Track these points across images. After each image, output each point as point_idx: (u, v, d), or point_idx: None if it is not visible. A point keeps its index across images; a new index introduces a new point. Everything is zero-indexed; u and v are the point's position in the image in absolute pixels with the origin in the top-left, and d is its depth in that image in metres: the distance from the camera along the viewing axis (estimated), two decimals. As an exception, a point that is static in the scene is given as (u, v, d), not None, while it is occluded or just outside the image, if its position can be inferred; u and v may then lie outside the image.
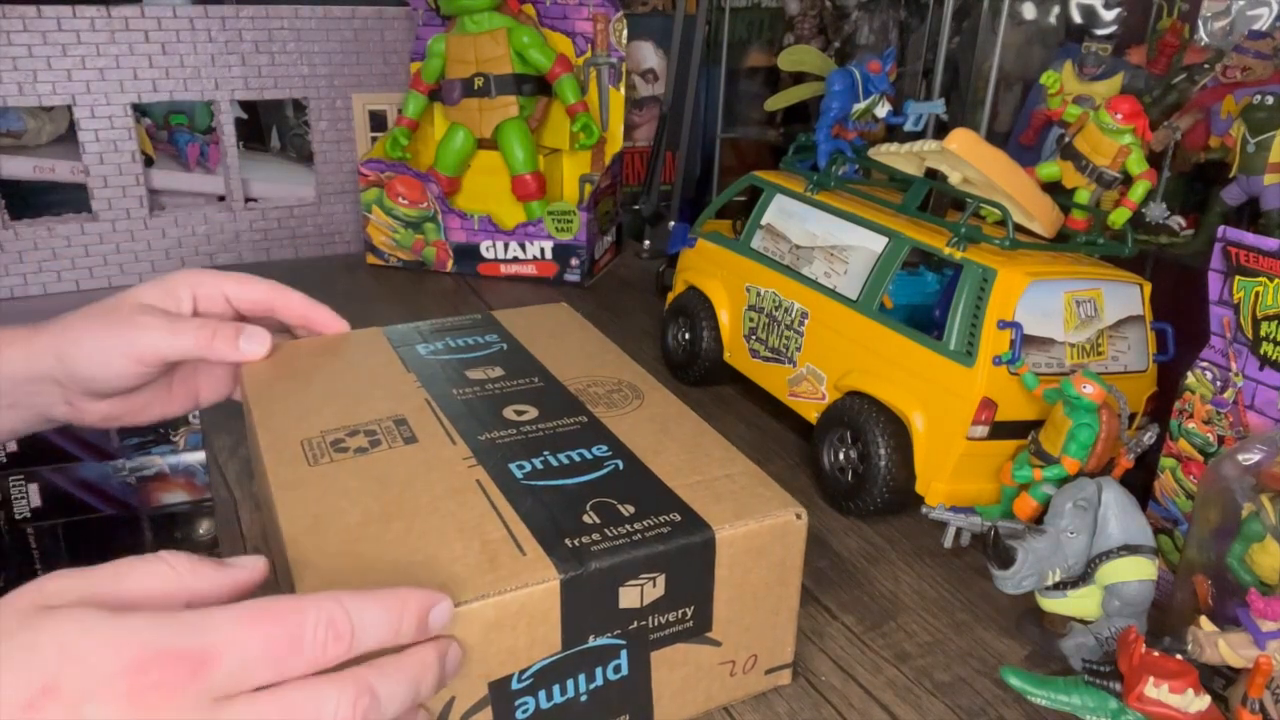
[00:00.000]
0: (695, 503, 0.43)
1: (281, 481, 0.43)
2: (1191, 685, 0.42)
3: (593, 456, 0.46)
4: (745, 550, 0.43)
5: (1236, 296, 0.54)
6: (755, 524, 0.43)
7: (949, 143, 0.63)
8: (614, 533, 0.41)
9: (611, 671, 0.42)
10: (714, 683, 0.46)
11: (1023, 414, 0.58)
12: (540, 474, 0.45)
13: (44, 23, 1.02)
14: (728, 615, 0.44)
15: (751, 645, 0.46)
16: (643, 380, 0.55)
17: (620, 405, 0.52)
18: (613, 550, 0.40)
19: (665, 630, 0.42)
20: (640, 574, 0.40)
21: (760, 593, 0.45)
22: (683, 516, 0.42)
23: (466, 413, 0.50)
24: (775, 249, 0.73)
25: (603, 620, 0.40)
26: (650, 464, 0.46)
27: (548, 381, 0.54)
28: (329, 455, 0.45)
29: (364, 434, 0.47)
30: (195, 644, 0.29)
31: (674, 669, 0.44)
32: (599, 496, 0.43)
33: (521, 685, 0.39)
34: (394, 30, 1.20)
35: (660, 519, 0.42)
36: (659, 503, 0.43)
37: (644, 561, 0.40)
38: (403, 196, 1.06)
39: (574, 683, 0.41)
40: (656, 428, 0.50)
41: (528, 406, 0.51)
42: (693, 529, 0.42)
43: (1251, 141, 0.68)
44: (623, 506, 0.43)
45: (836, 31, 1.23)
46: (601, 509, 0.42)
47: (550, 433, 0.48)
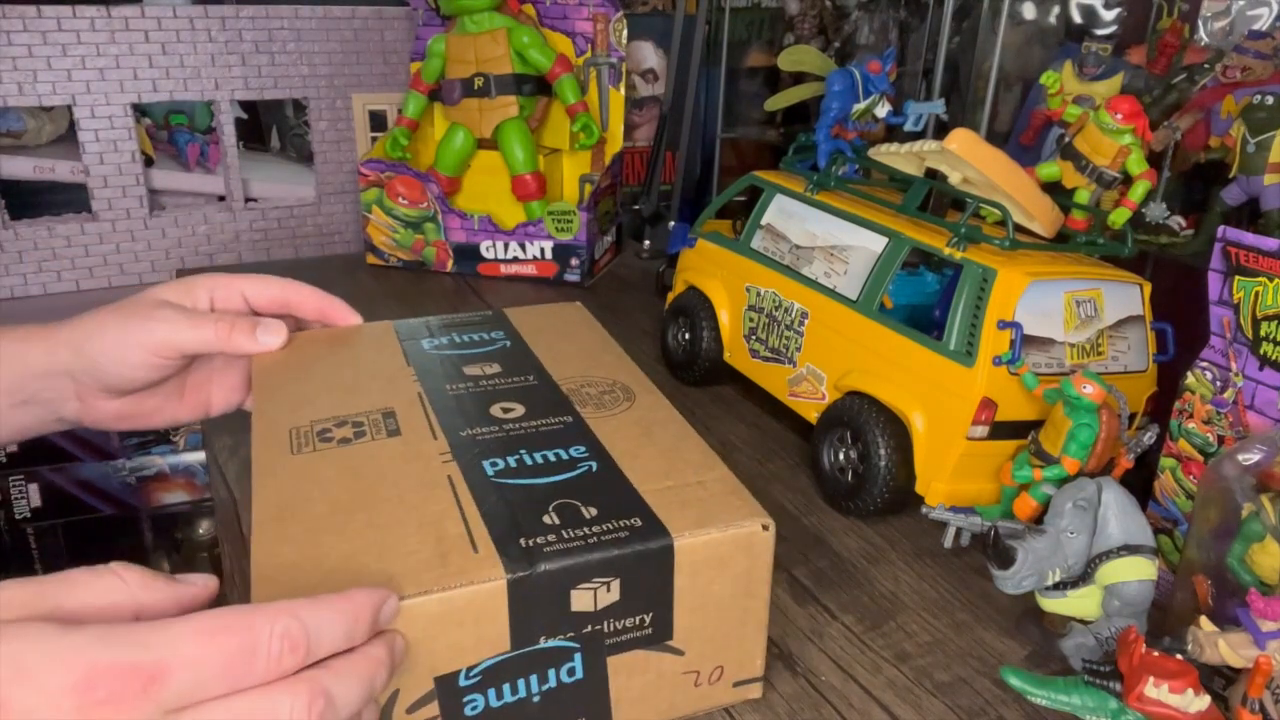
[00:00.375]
0: (660, 508, 0.43)
1: (261, 468, 0.44)
2: (1191, 685, 0.42)
3: (569, 457, 0.46)
4: (706, 560, 0.42)
5: (1236, 296, 0.54)
6: (718, 533, 0.42)
7: (949, 143, 0.63)
8: (571, 535, 0.40)
9: (565, 674, 0.41)
10: (677, 692, 0.45)
11: (1023, 414, 0.58)
12: (512, 472, 0.45)
13: (44, 23, 1.02)
14: (690, 625, 0.43)
15: (717, 656, 0.45)
16: (637, 382, 0.55)
17: (610, 406, 0.51)
18: (565, 552, 0.39)
19: (622, 636, 0.42)
20: (593, 578, 0.40)
21: (725, 603, 0.44)
22: (643, 522, 0.42)
23: (455, 408, 0.50)
24: (775, 249, 0.73)
25: (554, 622, 0.40)
26: (624, 467, 0.46)
27: (542, 380, 0.54)
28: (312, 444, 0.46)
29: (351, 425, 0.48)
30: (146, 658, 0.29)
31: (633, 676, 0.43)
32: (564, 498, 0.43)
33: (469, 682, 0.39)
34: (394, 30, 1.20)
35: (620, 523, 0.41)
36: (623, 507, 0.43)
37: (597, 565, 0.40)
38: (403, 196, 1.06)
39: (525, 683, 0.40)
40: (640, 431, 0.49)
41: (516, 404, 0.51)
42: (650, 535, 0.41)
43: (1251, 141, 0.68)
44: (586, 509, 0.42)
45: (836, 31, 1.23)
46: (564, 510, 0.42)
47: (532, 431, 0.48)
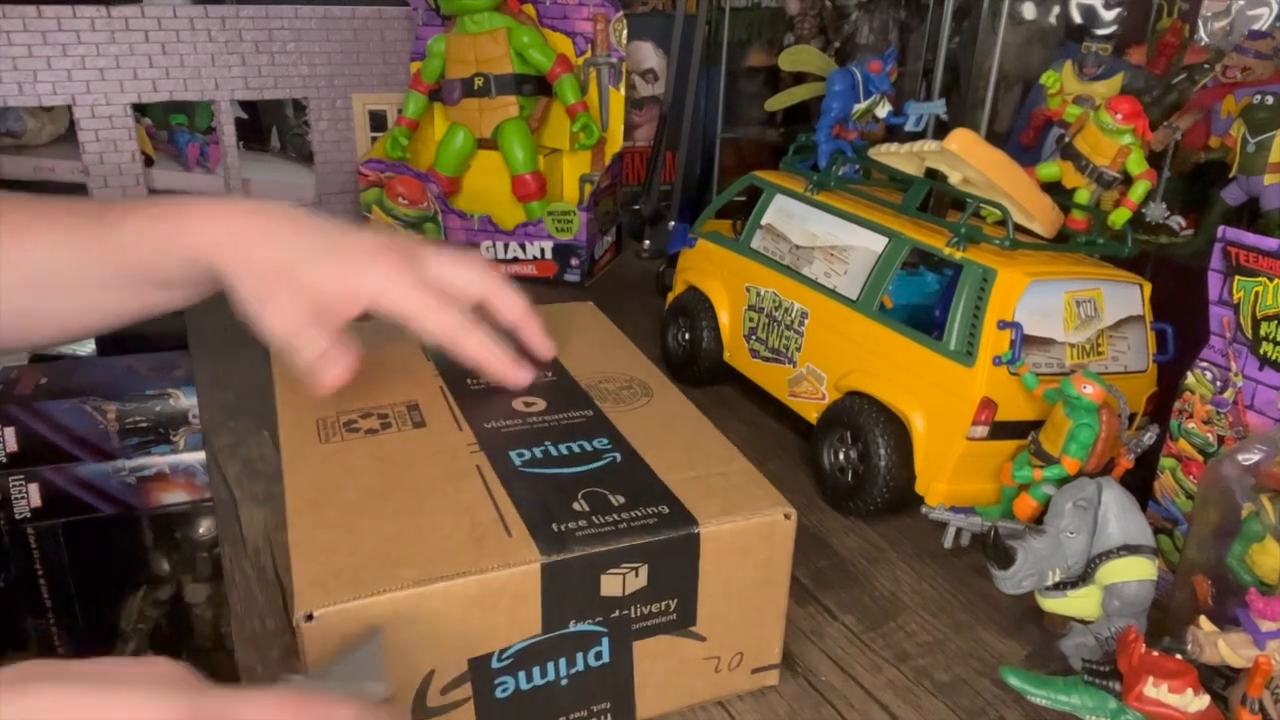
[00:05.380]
0: (685, 497, 0.44)
1: (292, 455, 0.46)
2: (1191, 685, 0.42)
3: (593, 449, 0.47)
4: (731, 547, 0.43)
5: (1236, 296, 0.54)
6: (742, 521, 0.43)
7: (949, 143, 0.63)
8: (601, 521, 0.41)
9: (593, 658, 0.42)
10: (698, 678, 0.46)
11: (1023, 414, 0.58)
12: (539, 462, 0.46)
13: (44, 23, 1.02)
14: (713, 611, 0.44)
15: (738, 643, 0.46)
16: (654, 378, 0.56)
17: (629, 401, 0.53)
18: (597, 538, 0.40)
19: (648, 621, 0.43)
20: (622, 563, 0.41)
21: (747, 590, 0.45)
22: (670, 509, 0.43)
23: (478, 402, 0.52)
24: (775, 249, 0.73)
25: (584, 606, 0.41)
26: (648, 458, 0.47)
27: (561, 376, 0.55)
28: (340, 434, 0.48)
29: (376, 416, 0.50)
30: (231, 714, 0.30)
31: (657, 661, 0.44)
32: (592, 486, 0.44)
33: (501, 664, 0.40)
34: (394, 30, 1.20)
35: (648, 510, 0.43)
36: (649, 495, 0.44)
37: (627, 551, 0.41)
38: (403, 196, 1.06)
39: (554, 666, 0.41)
40: (660, 424, 0.50)
41: (537, 399, 0.52)
42: (678, 522, 0.42)
43: (1251, 141, 0.68)
44: (613, 497, 0.43)
45: (836, 31, 1.23)
46: (592, 498, 0.43)
47: (555, 424, 0.50)
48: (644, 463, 0.46)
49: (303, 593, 0.37)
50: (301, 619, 0.36)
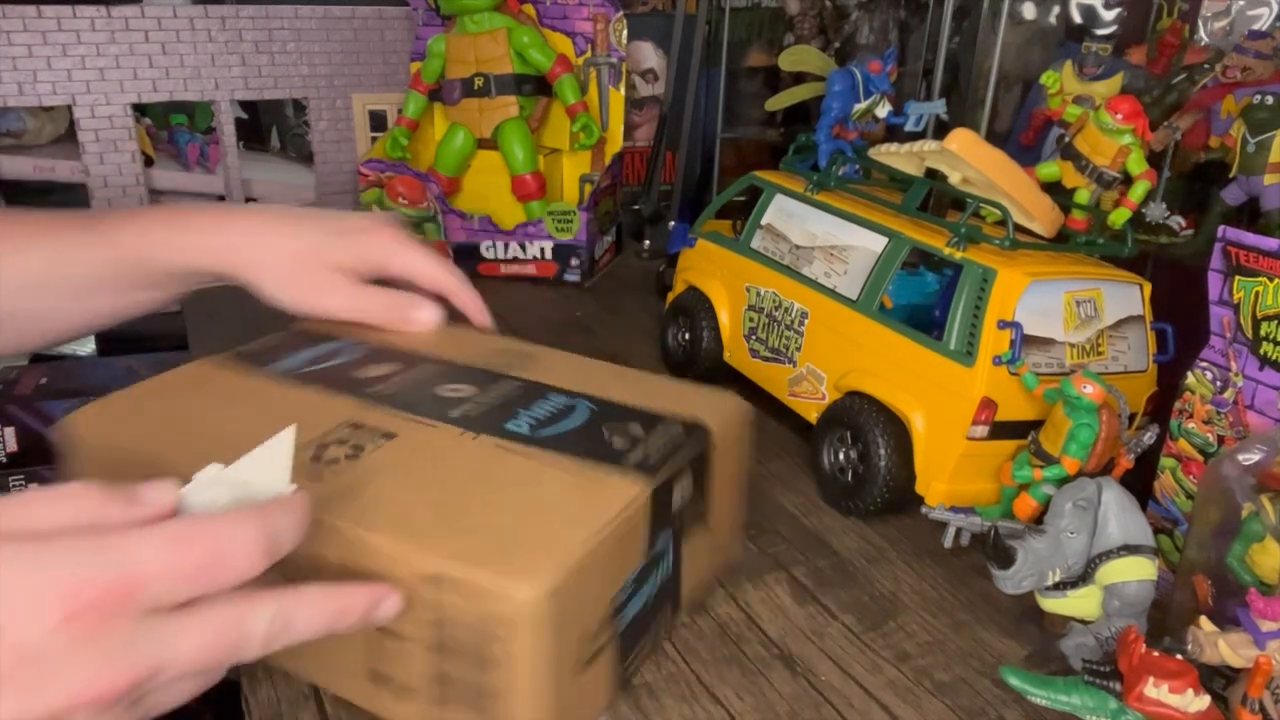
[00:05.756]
0: (676, 412, 0.48)
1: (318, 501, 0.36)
2: (1191, 685, 0.42)
3: (561, 405, 0.48)
4: (724, 440, 0.49)
5: (1236, 296, 0.54)
6: (725, 416, 0.49)
7: (949, 143, 0.63)
8: (651, 446, 0.45)
9: (664, 571, 0.46)
10: (704, 565, 0.51)
11: (1023, 414, 0.58)
12: (541, 424, 0.46)
13: (44, 23, 1.02)
14: (716, 502, 0.50)
15: (726, 521, 0.53)
16: (524, 343, 0.56)
17: (527, 365, 0.52)
18: (664, 458, 0.44)
19: (690, 524, 0.47)
20: (681, 476, 0.45)
21: (735, 475, 0.52)
22: (682, 425, 0.47)
23: (408, 400, 0.46)
24: (775, 249, 0.73)
25: (663, 524, 0.44)
26: (613, 398, 0.49)
27: (445, 363, 0.52)
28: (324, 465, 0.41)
29: (336, 444, 0.42)
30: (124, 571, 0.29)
31: (690, 559, 0.48)
32: (605, 425, 0.46)
33: (623, 598, 0.42)
34: (394, 30, 1.20)
35: (669, 429, 0.46)
36: (653, 420, 0.47)
37: (684, 463, 0.45)
38: (403, 197, 1.06)
39: (647, 588, 0.44)
40: (579, 372, 0.52)
41: (457, 385, 0.49)
42: (697, 432, 0.47)
43: (1251, 141, 0.68)
44: (630, 430, 0.46)
45: (836, 31, 1.23)
46: (619, 431, 0.45)
47: (503, 399, 0.48)
48: (615, 402, 0.49)
49: None
50: None
